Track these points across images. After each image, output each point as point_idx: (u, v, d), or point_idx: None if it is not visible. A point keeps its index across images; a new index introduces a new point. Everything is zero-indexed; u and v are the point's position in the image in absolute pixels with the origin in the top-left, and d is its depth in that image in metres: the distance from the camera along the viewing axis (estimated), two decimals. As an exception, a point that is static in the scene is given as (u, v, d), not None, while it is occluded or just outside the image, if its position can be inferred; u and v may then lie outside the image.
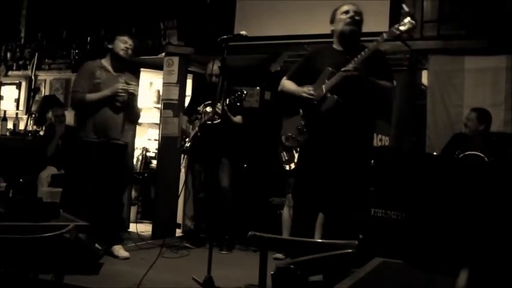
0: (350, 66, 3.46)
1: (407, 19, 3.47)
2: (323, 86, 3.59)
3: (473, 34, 5.26)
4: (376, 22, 4.37)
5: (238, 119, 5.34)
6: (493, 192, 3.77)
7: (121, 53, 4.68)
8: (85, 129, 4.63)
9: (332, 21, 3.77)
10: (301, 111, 3.79)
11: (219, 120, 4.90)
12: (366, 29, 3.79)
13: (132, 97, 4.66)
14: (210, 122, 5.09)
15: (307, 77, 3.74)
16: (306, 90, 3.65)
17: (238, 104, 5.14)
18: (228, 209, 5.31)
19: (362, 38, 3.78)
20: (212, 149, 4.87)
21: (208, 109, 5.26)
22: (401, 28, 3.48)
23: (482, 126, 4.85)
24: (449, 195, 3.79)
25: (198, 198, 5.50)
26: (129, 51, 4.73)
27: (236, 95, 5.05)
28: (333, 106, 3.53)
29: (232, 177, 5.41)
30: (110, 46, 4.77)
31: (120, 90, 4.57)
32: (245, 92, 5.14)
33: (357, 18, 3.63)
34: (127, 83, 4.60)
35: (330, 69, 3.58)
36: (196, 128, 5.29)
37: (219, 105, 4.92)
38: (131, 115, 4.82)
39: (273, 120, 5.66)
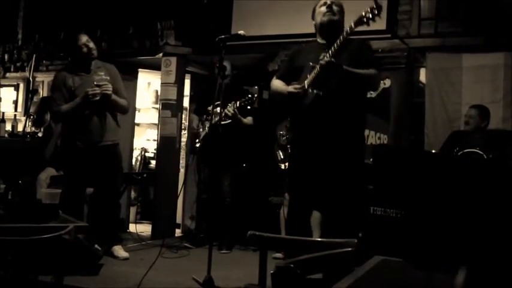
0: (323, 60, 3.45)
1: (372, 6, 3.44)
2: (305, 81, 3.59)
3: (470, 31, 5.27)
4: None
5: (248, 120, 5.33)
6: (492, 190, 3.78)
7: (82, 55, 4.58)
8: (70, 137, 4.61)
9: (313, 17, 3.81)
10: (289, 108, 3.79)
11: (229, 121, 4.89)
12: (364, 28, 3.77)
13: (108, 96, 4.51)
14: (223, 122, 5.08)
15: (294, 75, 3.75)
16: (291, 88, 3.65)
17: (248, 107, 5.13)
18: (227, 210, 5.31)
19: (361, 37, 3.78)
20: (221, 150, 4.86)
21: (219, 109, 5.26)
22: (367, 15, 3.43)
23: (484, 123, 4.85)
24: (449, 193, 3.80)
25: (202, 199, 5.49)
26: (92, 48, 4.59)
27: (247, 97, 5.05)
28: (312, 101, 3.52)
29: (234, 180, 5.42)
30: (73, 46, 4.63)
31: (90, 95, 4.45)
32: (256, 95, 5.14)
33: (334, 8, 3.64)
34: (97, 85, 4.47)
35: (311, 64, 3.56)
36: (207, 129, 5.28)
37: (229, 107, 4.92)
38: (117, 110, 4.74)
39: (272, 119, 5.67)
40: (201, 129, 5.36)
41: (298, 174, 3.75)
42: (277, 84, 3.87)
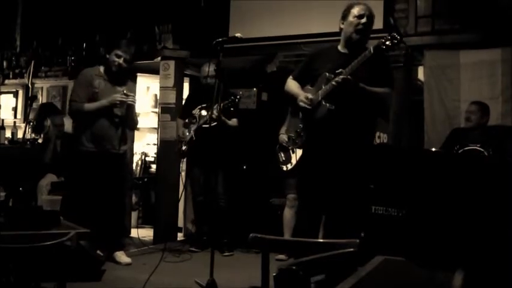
0: (339, 78, 3.43)
1: (393, 34, 3.43)
2: (319, 92, 3.57)
3: (467, 28, 5.26)
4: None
5: (233, 121, 5.35)
6: (492, 187, 3.78)
7: (113, 68, 4.68)
8: (83, 138, 4.62)
9: (343, 18, 3.67)
10: (300, 114, 3.78)
11: (214, 123, 4.89)
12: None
13: (131, 107, 4.66)
14: (205, 126, 5.11)
15: (309, 78, 3.73)
16: (303, 98, 3.62)
17: (232, 109, 5.13)
18: (223, 212, 5.31)
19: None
20: (209, 152, 4.87)
21: (204, 112, 5.27)
22: (387, 43, 3.42)
23: (485, 118, 4.85)
24: (449, 191, 3.80)
25: (197, 201, 5.51)
26: (123, 64, 4.69)
27: (230, 99, 5.05)
28: (325, 114, 3.51)
29: (228, 181, 5.42)
30: (107, 56, 4.77)
31: (118, 101, 4.56)
32: (238, 96, 5.13)
33: (368, 25, 3.54)
34: (125, 94, 4.58)
35: (327, 74, 3.54)
36: (192, 132, 5.29)
37: (215, 109, 4.93)
38: (130, 124, 4.85)
39: (271, 121, 5.67)
40: (187, 133, 5.36)
41: (308, 181, 3.74)
42: (291, 85, 3.83)
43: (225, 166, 5.36)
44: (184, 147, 5.34)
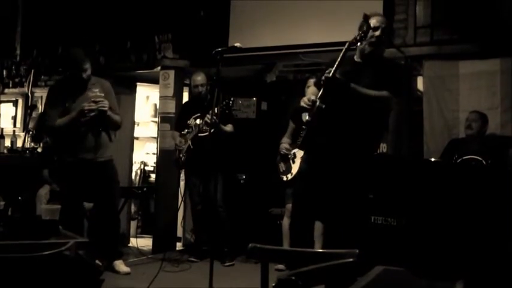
0: (323, 76, 3.45)
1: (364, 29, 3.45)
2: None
3: (466, 38, 5.28)
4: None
5: (229, 127, 5.35)
6: (491, 197, 3.78)
7: (78, 78, 4.54)
8: (62, 151, 4.61)
9: (359, 28, 3.60)
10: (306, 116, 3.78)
11: (211, 131, 4.89)
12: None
13: (104, 113, 4.49)
14: (201, 134, 5.11)
15: None
16: (304, 99, 3.65)
17: (227, 111, 5.12)
18: (223, 221, 5.30)
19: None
20: (206, 160, 4.87)
21: (198, 121, 5.27)
22: (357, 37, 3.44)
23: (485, 128, 4.86)
24: (449, 201, 3.79)
25: (196, 210, 5.50)
26: (87, 71, 4.53)
27: (224, 103, 5.05)
28: (316, 113, 3.50)
29: (227, 190, 5.42)
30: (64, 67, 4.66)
31: (86, 110, 4.43)
32: (232, 99, 5.12)
33: (383, 37, 3.53)
34: (94, 101, 4.46)
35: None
36: (189, 142, 5.30)
37: (208, 115, 4.94)
38: (111, 127, 4.73)
39: (270, 130, 5.67)
40: (183, 144, 5.36)
41: (302, 184, 3.74)
42: (308, 91, 3.84)
43: (222, 173, 5.36)
44: (182, 157, 5.34)
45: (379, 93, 3.51)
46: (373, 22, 3.56)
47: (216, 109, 4.98)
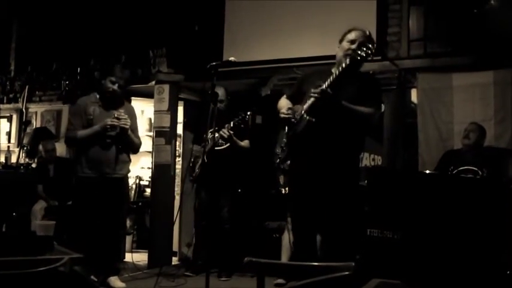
0: (318, 89, 3.46)
1: (367, 45, 3.46)
2: (303, 106, 3.60)
3: (459, 51, 5.32)
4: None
5: (245, 143, 5.31)
6: (487, 209, 3.78)
7: (107, 94, 4.69)
8: (80, 164, 4.64)
9: (340, 41, 3.69)
10: (285, 128, 3.79)
11: (227, 145, 4.86)
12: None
13: (125, 130, 4.62)
14: (217, 148, 5.07)
15: (301, 97, 3.75)
16: (283, 110, 3.66)
17: (242, 126, 5.11)
18: (227, 236, 5.28)
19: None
20: (220, 175, 4.84)
21: (216, 135, 5.25)
22: (361, 53, 3.45)
23: (483, 140, 4.88)
24: (444, 213, 3.79)
25: (200, 225, 5.44)
26: (117, 90, 4.71)
27: (240, 117, 5.03)
28: (305, 127, 3.52)
29: (233, 206, 5.39)
30: (102, 81, 4.78)
31: (109, 125, 4.55)
32: (249, 113, 5.11)
33: (359, 52, 3.46)
34: (117, 118, 4.56)
35: (312, 90, 3.57)
36: (204, 156, 5.26)
37: (223, 129, 4.93)
38: (129, 147, 4.81)
39: (265, 144, 5.67)
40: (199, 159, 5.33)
41: (296, 198, 3.74)
42: (281, 102, 3.87)
43: (230, 190, 5.33)
44: (197, 171, 5.29)
45: (366, 110, 3.54)
46: (351, 36, 3.61)
47: (231, 123, 4.98)
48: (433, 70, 5.43)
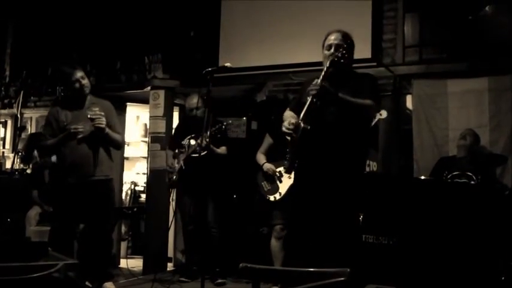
0: (315, 86, 3.45)
1: (344, 45, 3.51)
2: (301, 115, 3.58)
3: (454, 57, 5.35)
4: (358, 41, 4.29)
5: (222, 149, 5.36)
6: (481, 215, 3.79)
7: (75, 93, 4.57)
8: (61, 170, 4.60)
9: (322, 47, 3.70)
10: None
11: (204, 153, 4.89)
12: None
13: (101, 129, 4.47)
14: (194, 155, 5.10)
15: (300, 108, 3.73)
16: (285, 124, 3.61)
17: (219, 135, 5.14)
18: (215, 241, 5.28)
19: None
20: (198, 181, 4.86)
21: (193, 142, 5.27)
22: (338, 55, 3.49)
23: (478, 145, 4.91)
24: (439, 219, 3.80)
25: (188, 230, 5.47)
26: (85, 85, 4.57)
27: (217, 126, 5.07)
28: (301, 135, 3.49)
29: (219, 210, 5.40)
30: (68, 82, 4.61)
31: (73, 132, 4.42)
32: (225, 123, 5.15)
33: (337, 54, 3.52)
34: (91, 118, 4.43)
35: (308, 97, 3.56)
36: (181, 162, 5.29)
37: (203, 138, 4.94)
38: (110, 145, 4.70)
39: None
40: (176, 164, 5.35)
41: (298, 207, 3.71)
42: (285, 115, 3.83)
43: (215, 195, 5.35)
44: (174, 177, 5.34)
45: (364, 102, 3.52)
46: (328, 41, 3.64)
47: (208, 132, 5.00)
48: (428, 76, 5.45)
